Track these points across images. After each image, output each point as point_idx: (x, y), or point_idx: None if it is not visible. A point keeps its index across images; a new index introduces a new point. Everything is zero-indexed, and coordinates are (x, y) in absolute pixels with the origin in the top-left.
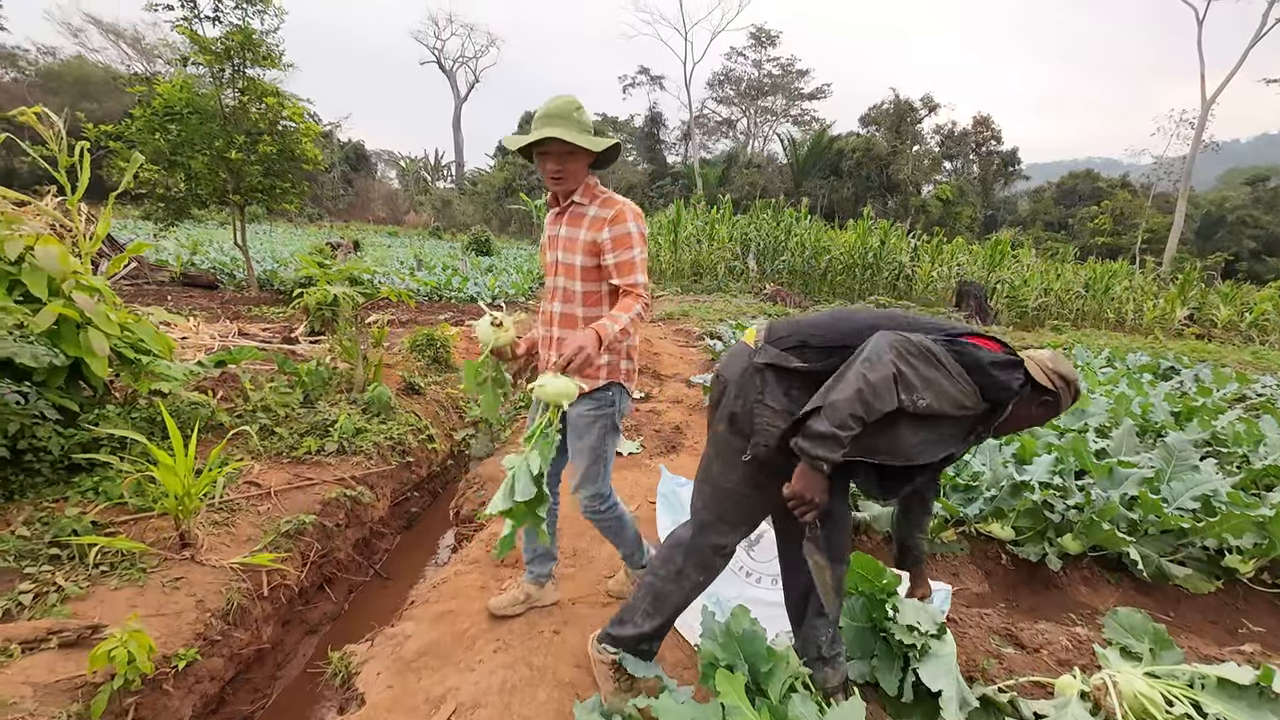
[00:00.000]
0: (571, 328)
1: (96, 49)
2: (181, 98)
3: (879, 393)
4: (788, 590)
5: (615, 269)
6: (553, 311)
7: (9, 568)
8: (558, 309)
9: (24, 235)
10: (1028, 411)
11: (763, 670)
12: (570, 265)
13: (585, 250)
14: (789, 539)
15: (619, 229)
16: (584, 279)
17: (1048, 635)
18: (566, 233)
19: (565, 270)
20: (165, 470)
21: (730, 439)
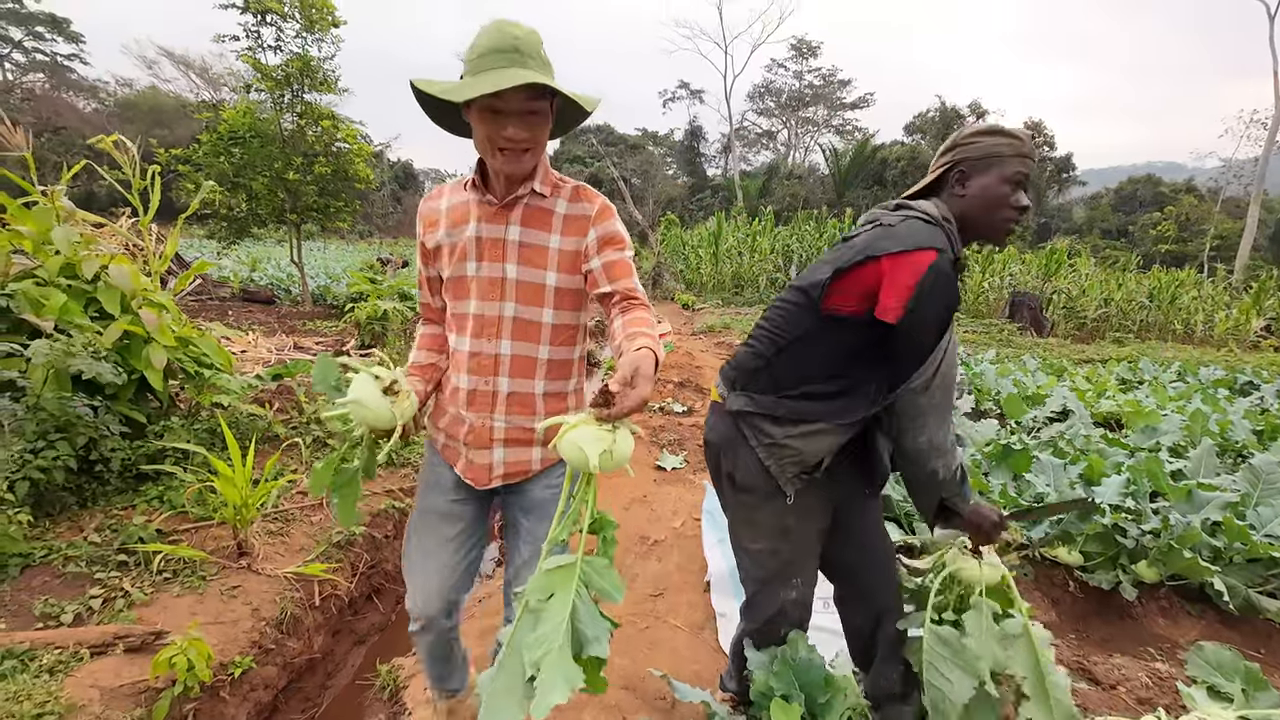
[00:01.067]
0: (528, 377)
1: (168, 79)
2: (244, 123)
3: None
4: (847, 624)
5: (607, 272)
6: (498, 354)
7: (81, 573)
8: (506, 350)
9: (100, 255)
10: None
11: (820, 701)
12: (535, 286)
13: (561, 264)
14: (844, 574)
15: (608, 227)
16: (557, 305)
17: (1125, 670)
18: (524, 237)
19: (525, 293)
20: (224, 481)
21: (740, 498)
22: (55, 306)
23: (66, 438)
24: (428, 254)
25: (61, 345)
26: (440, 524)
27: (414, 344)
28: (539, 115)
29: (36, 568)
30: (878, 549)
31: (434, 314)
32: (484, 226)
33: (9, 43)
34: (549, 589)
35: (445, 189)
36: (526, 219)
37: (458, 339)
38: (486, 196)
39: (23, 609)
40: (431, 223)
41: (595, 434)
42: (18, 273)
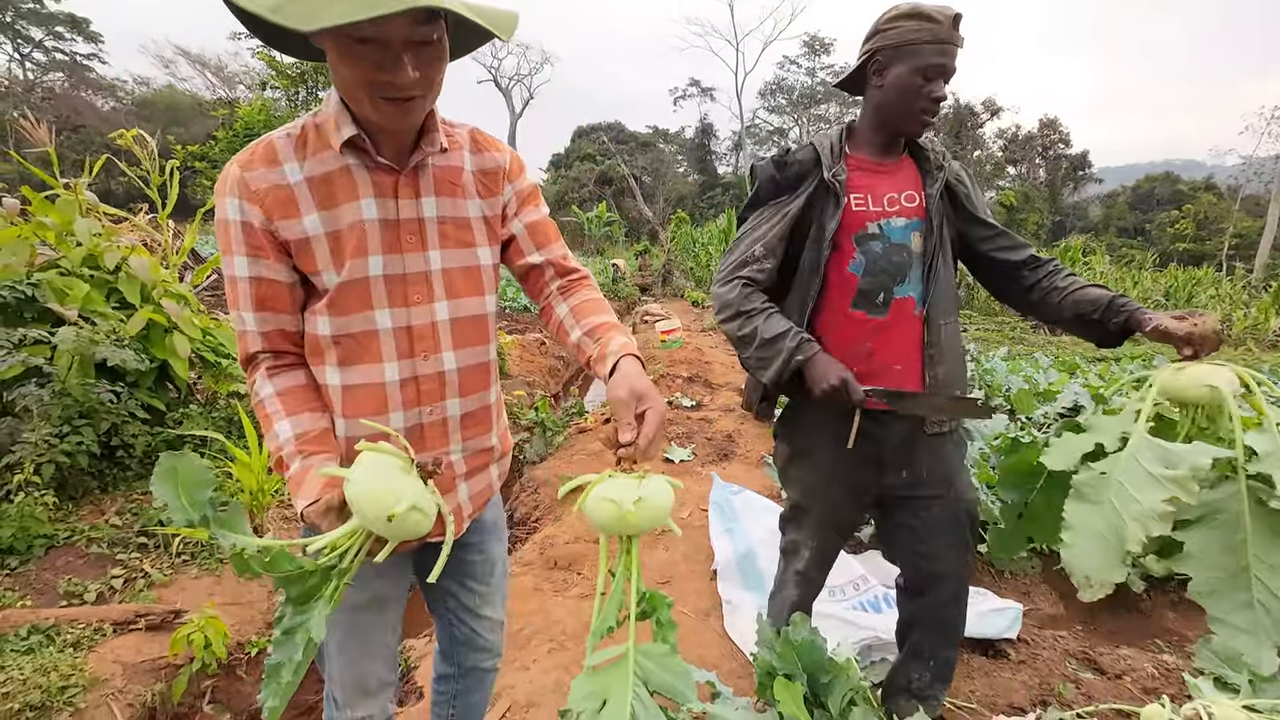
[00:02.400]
0: (481, 389)
1: (185, 78)
2: (259, 119)
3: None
4: (899, 608)
5: (533, 236)
6: (441, 372)
7: (103, 554)
8: (451, 364)
9: (121, 247)
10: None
11: (822, 681)
12: (470, 270)
13: (489, 235)
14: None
15: (525, 182)
16: (493, 289)
17: (1131, 661)
18: (441, 209)
19: (459, 284)
20: (242, 467)
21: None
22: (79, 296)
23: (90, 423)
24: (278, 251)
25: (87, 333)
26: (372, 612)
27: (274, 409)
28: (432, 47)
29: (60, 548)
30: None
31: (290, 345)
32: (385, 204)
33: (30, 42)
34: (601, 694)
35: (274, 149)
36: (439, 186)
37: (365, 369)
38: (379, 160)
39: (48, 587)
40: (279, 203)
41: (622, 484)
42: (43, 263)
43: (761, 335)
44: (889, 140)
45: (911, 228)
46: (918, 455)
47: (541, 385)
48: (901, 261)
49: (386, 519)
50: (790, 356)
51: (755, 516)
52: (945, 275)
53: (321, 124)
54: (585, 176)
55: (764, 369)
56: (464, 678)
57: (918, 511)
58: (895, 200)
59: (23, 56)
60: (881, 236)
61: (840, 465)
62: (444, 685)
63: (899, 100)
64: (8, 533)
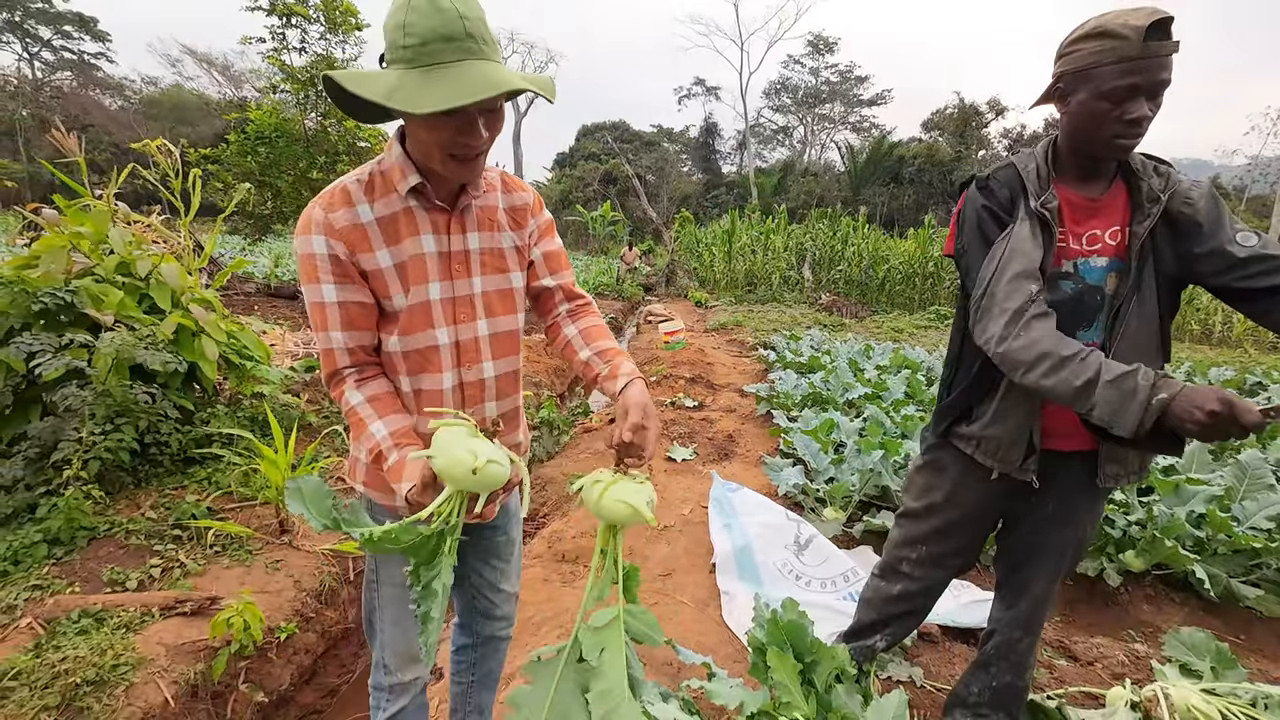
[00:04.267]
0: (512, 393)
1: (191, 77)
2: (271, 123)
3: None
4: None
5: (548, 263)
6: (482, 380)
7: (141, 545)
8: (490, 372)
9: (152, 255)
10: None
11: (807, 660)
12: (505, 293)
13: (520, 262)
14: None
15: (545, 215)
16: (521, 308)
17: (1103, 649)
18: (483, 243)
19: (496, 304)
20: (269, 464)
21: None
22: (114, 302)
23: (129, 422)
24: (360, 278)
25: (129, 337)
26: None
27: (367, 413)
28: (497, 113)
29: (101, 540)
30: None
31: (370, 358)
32: (440, 239)
33: (39, 41)
34: (600, 645)
35: (349, 194)
36: (481, 223)
37: (429, 377)
38: (436, 203)
39: (92, 576)
40: (357, 240)
41: (631, 487)
42: (79, 270)
43: (1104, 378)
44: (1091, 165)
45: (1111, 268)
46: (1074, 500)
47: (547, 385)
48: (1092, 305)
49: (472, 474)
50: (1150, 396)
51: (752, 513)
52: (1141, 320)
53: (386, 171)
54: (589, 175)
55: (1119, 417)
56: (482, 646)
57: (1036, 533)
58: (1097, 238)
59: (31, 55)
60: (1075, 276)
61: (988, 507)
62: (463, 655)
63: (1088, 126)
64: (57, 524)
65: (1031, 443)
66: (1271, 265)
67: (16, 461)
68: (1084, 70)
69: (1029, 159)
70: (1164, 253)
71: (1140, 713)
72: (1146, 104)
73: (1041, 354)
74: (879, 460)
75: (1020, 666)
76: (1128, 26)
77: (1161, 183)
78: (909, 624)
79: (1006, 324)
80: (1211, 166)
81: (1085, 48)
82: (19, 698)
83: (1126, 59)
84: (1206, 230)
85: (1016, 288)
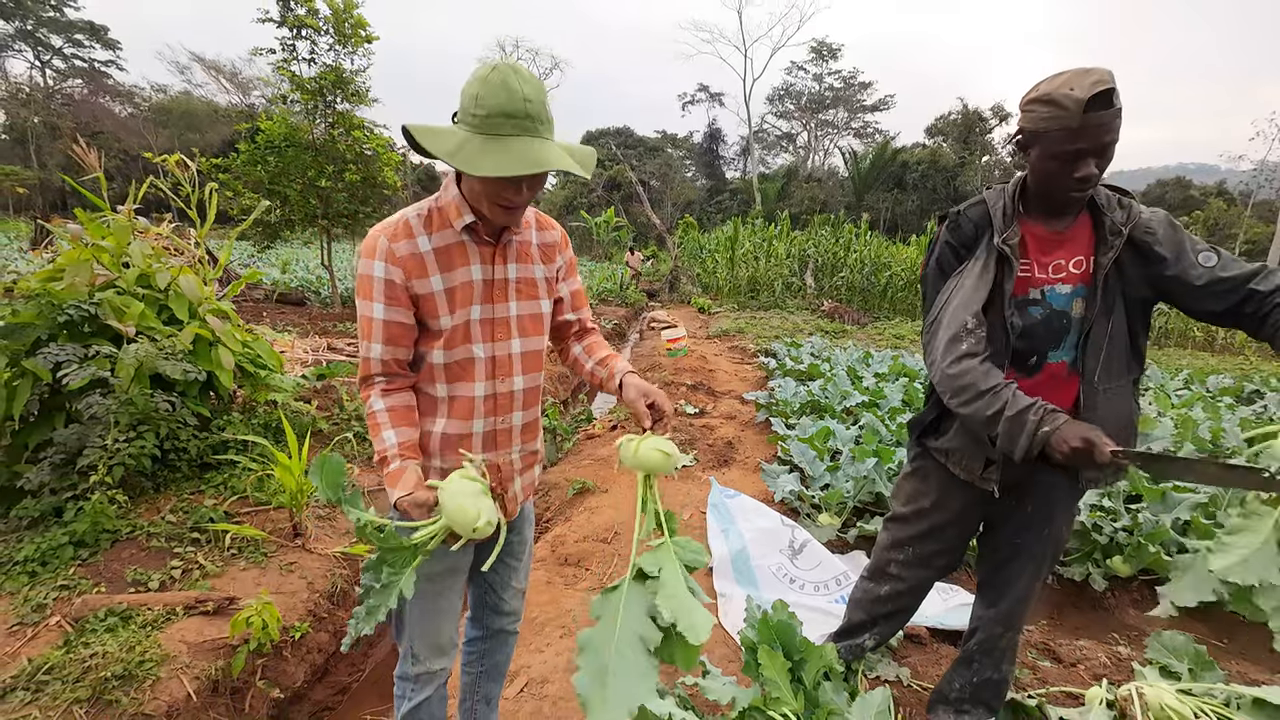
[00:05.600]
0: (535, 405)
1: (200, 84)
2: (280, 132)
3: None
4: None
5: (573, 300)
6: (512, 391)
7: (162, 547)
8: (519, 385)
9: (171, 268)
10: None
11: (796, 658)
12: (535, 316)
13: (548, 291)
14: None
15: (570, 252)
16: (547, 332)
17: (1086, 651)
18: (519, 273)
19: (528, 326)
20: (283, 470)
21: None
22: (135, 313)
23: (151, 429)
24: (409, 301)
25: (151, 348)
26: (447, 580)
27: (384, 420)
28: (538, 178)
29: (124, 542)
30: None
31: (399, 370)
32: (486, 269)
33: (50, 50)
34: (659, 563)
35: (410, 226)
36: (518, 255)
37: (464, 385)
38: (484, 238)
39: (116, 576)
40: (414, 267)
41: (660, 440)
42: (101, 283)
43: (1007, 413)
44: (1055, 204)
45: (1076, 294)
46: (1053, 503)
47: (551, 391)
48: (1060, 327)
49: (472, 530)
50: (1035, 429)
51: (748, 518)
52: (1111, 339)
53: (444, 207)
54: (593, 181)
55: (1012, 444)
56: (491, 638)
57: (1017, 534)
58: (1062, 267)
59: (43, 64)
60: (1043, 302)
61: (971, 510)
62: (473, 646)
63: (1045, 179)
64: (83, 527)
65: (990, 455)
66: (1226, 286)
67: (43, 467)
68: (1035, 132)
69: (999, 196)
70: (1131, 278)
71: (1116, 711)
72: (1094, 163)
73: (965, 385)
74: (873, 467)
75: (1001, 663)
76: (1070, 98)
77: (1124, 215)
78: (896, 623)
79: (944, 353)
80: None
81: (1036, 111)
82: (53, 690)
83: (1069, 129)
84: (1169, 256)
85: (958, 319)
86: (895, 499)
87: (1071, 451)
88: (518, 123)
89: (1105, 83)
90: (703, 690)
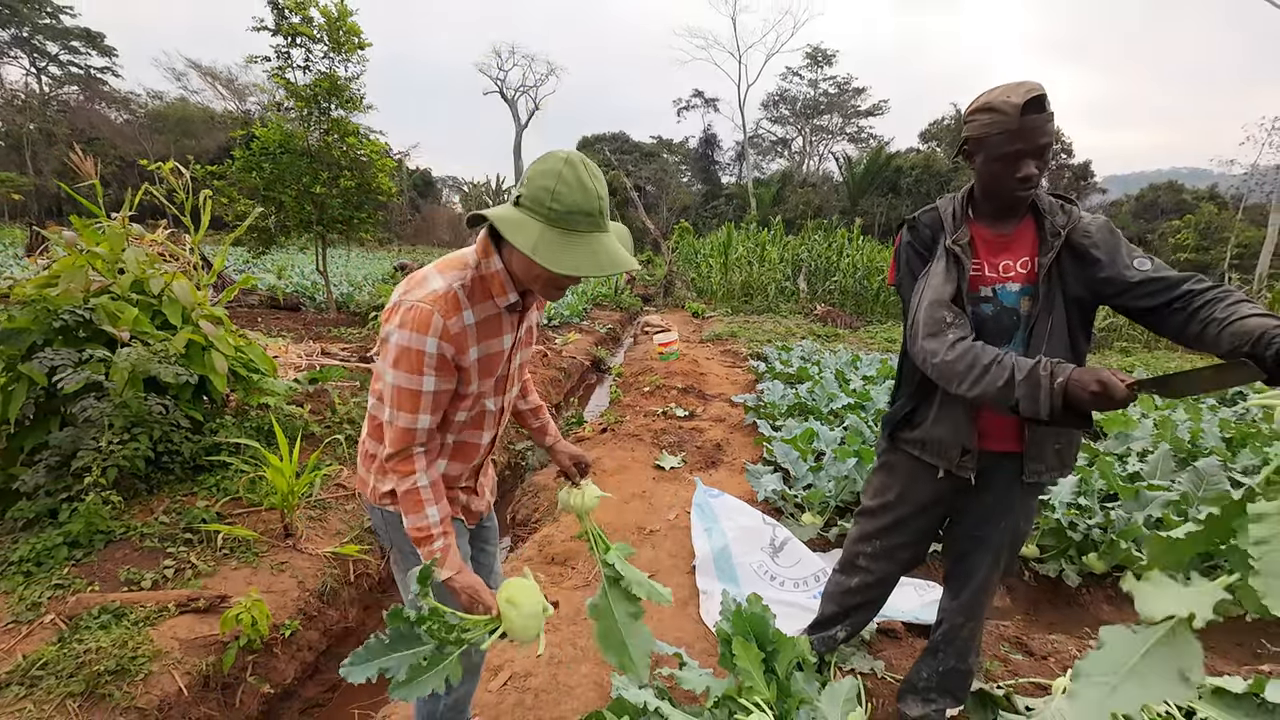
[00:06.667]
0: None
1: (196, 90)
2: (275, 139)
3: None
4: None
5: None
6: (501, 431)
7: (155, 547)
8: (505, 423)
9: (165, 273)
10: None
11: (769, 649)
12: (524, 364)
13: (530, 339)
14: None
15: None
16: None
17: (1058, 645)
18: (524, 332)
19: (520, 373)
20: (275, 471)
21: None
22: (129, 318)
23: (145, 432)
24: (453, 371)
25: (145, 352)
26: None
27: (428, 497)
28: None
29: (117, 542)
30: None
31: (431, 438)
32: (514, 335)
33: (46, 56)
34: (618, 563)
35: (458, 301)
36: (524, 316)
37: (474, 434)
38: (518, 304)
39: (110, 576)
40: (461, 341)
41: (591, 490)
42: (96, 289)
43: (1018, 377)
44: (1002, 207)
45: (1024, 293)
46: (1009, 495)
47: (543, 395)
48: (1009, 324)
49: (528, 638)
50: (1051, 382)
51: (731, 517)
52: (1053, 335)
53: (487, 279)
54: None
55: (1036, 405)
56: None
57: (977, 527)
58: (1010, 267)
59: (39, 70)
60: (994, 300)
61: (936, 503)
62: None
63: (990, 182)
64: (77, 527)
65: (966, 444)
66: (1160, 285)
67: (39, 470)
68: (979, 138)
69: (949, 203)
70: (1069, 278)
71: None
72: (1033, 163)
73: (968, 365)
74: (853, 467)
75: (964, 652)
76: (1007, 104)
77: (1064, 219)
78: (866, 615)
79: (936, 344)
80: (1211, 175)
81: (978, 119)
82: (47, 685)
83: (1009, 131)
84: (1105, 259)
85: (935, 314)
86: (864, 493)
87: (1092, 396)
88: (592, 220)
89: (1037, 90)
90: (679, 681)
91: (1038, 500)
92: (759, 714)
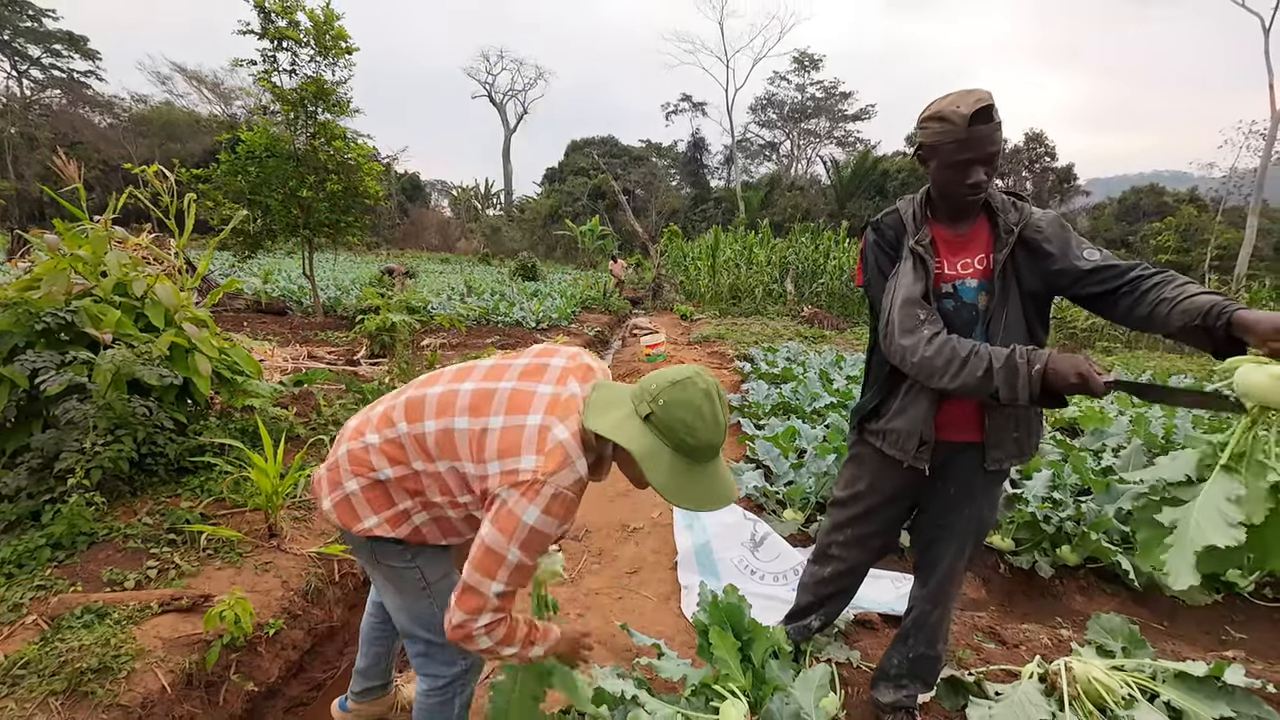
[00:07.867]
0: None
1: (181, 94)
2: (261, 143)
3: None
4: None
5: None
6: None
7: (138, 548)
8: None
9: (148, 276)
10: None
11: (745, 638)
12: None
13: None
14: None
15: None
16: None
17: (1029, 634)
18: None
19: None
20: (259, 472)
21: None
22: (112, 321)
23: (129, 433)
24: None
25: (128, 354)
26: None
27: (505, 626)
28: None
29: (100, 544)
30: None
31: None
32: None
33: (28, 60)
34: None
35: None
36: None
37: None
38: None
39: (92, 577)
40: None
41: (556, 560)
42: (78, 291)
43: (995, 366)
44: (956, 209)
45: (981, 288)
46: (970, 484)
47: None
48: (970, 318)
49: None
50: (1029, 369)
51: (713, 513)
52: (1010, 328)
53: (596, 466)
54: (579, 190)
55: (1016, 392)
56: None
57: (942, 515)
58: (969, 264)
59: (20, 74)
60: (955, 296)
61: (903, 492)
62: None
63: (944, 186)
64: (60, 529)
65: (924, 435)
66: (1111, 273)
67: (20, 472)
68: (931, 145)
69: (909, 205)
70: (1024, 272)
71: (1046, 684)
72: (982, 170)
73: (947, 359)
74: (833, 463)
75: (933, 638)
76: (956, 114)
77: (1016, 216)
78: (839, 604)
79: (912, 340)
80: (1191, 178)
81: (930, 128)
82: (29, 684)
83: (958, 140)
84: (1057, 251)
85: (909, 312)
86: (836, 485)
87: (1071, 387)
88: (714, 450)
89: (985, 100)
90: (658, 670)
91: (1002, 489)
92: (734, 700)
